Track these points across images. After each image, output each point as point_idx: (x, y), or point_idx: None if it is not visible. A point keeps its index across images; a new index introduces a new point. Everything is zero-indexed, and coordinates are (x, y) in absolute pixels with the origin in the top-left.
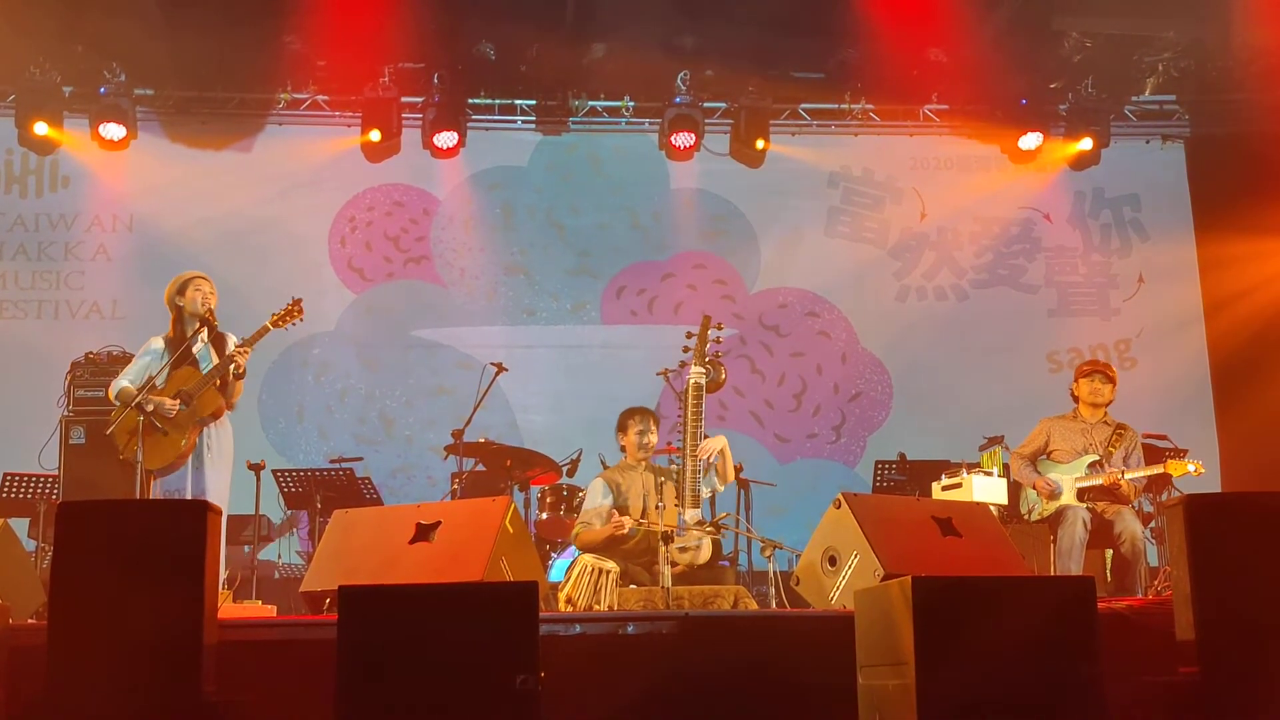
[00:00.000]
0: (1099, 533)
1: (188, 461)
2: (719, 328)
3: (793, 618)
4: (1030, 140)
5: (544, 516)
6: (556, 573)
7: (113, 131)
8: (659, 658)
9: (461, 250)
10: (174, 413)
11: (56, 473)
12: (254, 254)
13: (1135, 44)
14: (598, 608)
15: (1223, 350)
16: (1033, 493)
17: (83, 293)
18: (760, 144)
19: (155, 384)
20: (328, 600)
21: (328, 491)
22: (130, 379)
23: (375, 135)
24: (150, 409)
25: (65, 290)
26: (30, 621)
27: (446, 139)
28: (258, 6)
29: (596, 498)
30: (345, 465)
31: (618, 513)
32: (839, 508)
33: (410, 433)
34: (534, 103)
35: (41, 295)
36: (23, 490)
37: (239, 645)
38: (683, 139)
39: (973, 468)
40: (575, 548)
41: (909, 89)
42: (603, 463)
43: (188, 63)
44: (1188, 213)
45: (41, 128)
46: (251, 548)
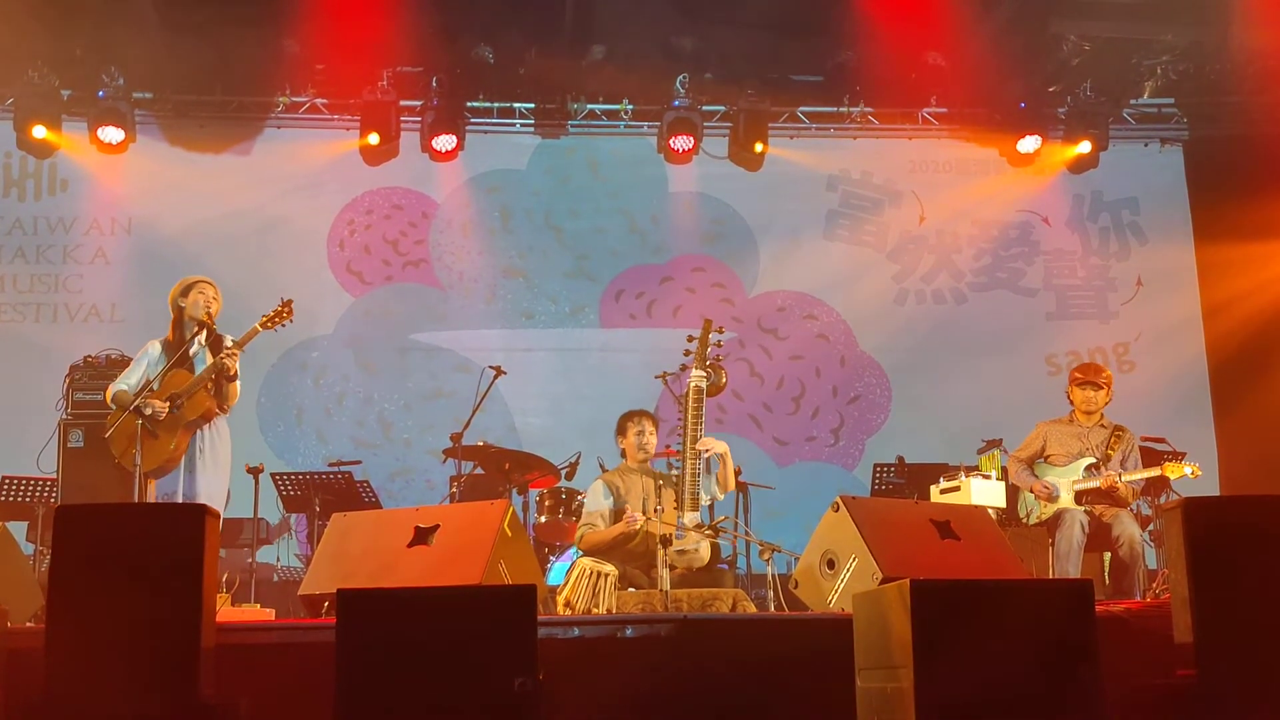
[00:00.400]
0: (1097, 536)
1: (180, 464)
2: (720, 331)
3: (791, 621)
4: (1029, 143)
5: (542, 520)
6: (555, 576)
7: (111, 135)
8: (657, 661)
9: (460, 253)
10: (164, 415)
11: (55, 476)
12: (253, 257)
13: (1133, 47)
14: (596, 610)
15: (1221, 353)
16: (1031, 496)
17: (81, 296)
18: (759, 147)
19: (152, 387)
20: (326, 603)
21: (326, 495)
22: (127, 383)
23: (374, 138)
24: (148, 412)
25: (64, 293)
26: (28, 625)
27: (445, 142)
28: (256, 10)
29: (597, 500)
30: (344, 468)
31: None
32: (837, 511)
33: (409, 436)
34: (532, 106)
35: (40, 298)
36: (21, 493)
37: (237, 649)
38: (681, 142)
39: (971, 471)
40: (579, 550)
41: (907, 92)
42: (601, 466)
43: (186, 66)
44: (1186, 216)
45: (40, 131)
46: (250, 550)
